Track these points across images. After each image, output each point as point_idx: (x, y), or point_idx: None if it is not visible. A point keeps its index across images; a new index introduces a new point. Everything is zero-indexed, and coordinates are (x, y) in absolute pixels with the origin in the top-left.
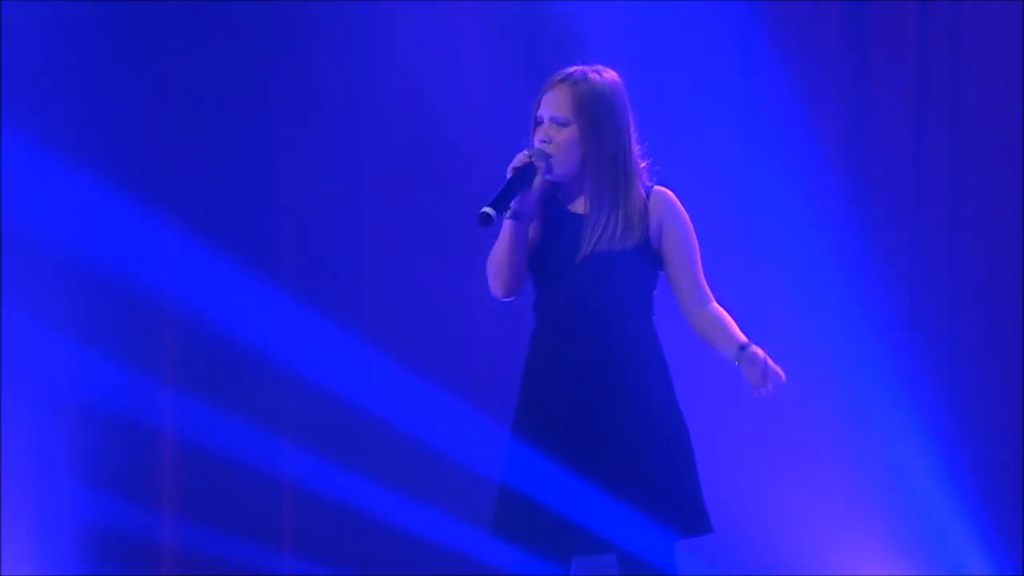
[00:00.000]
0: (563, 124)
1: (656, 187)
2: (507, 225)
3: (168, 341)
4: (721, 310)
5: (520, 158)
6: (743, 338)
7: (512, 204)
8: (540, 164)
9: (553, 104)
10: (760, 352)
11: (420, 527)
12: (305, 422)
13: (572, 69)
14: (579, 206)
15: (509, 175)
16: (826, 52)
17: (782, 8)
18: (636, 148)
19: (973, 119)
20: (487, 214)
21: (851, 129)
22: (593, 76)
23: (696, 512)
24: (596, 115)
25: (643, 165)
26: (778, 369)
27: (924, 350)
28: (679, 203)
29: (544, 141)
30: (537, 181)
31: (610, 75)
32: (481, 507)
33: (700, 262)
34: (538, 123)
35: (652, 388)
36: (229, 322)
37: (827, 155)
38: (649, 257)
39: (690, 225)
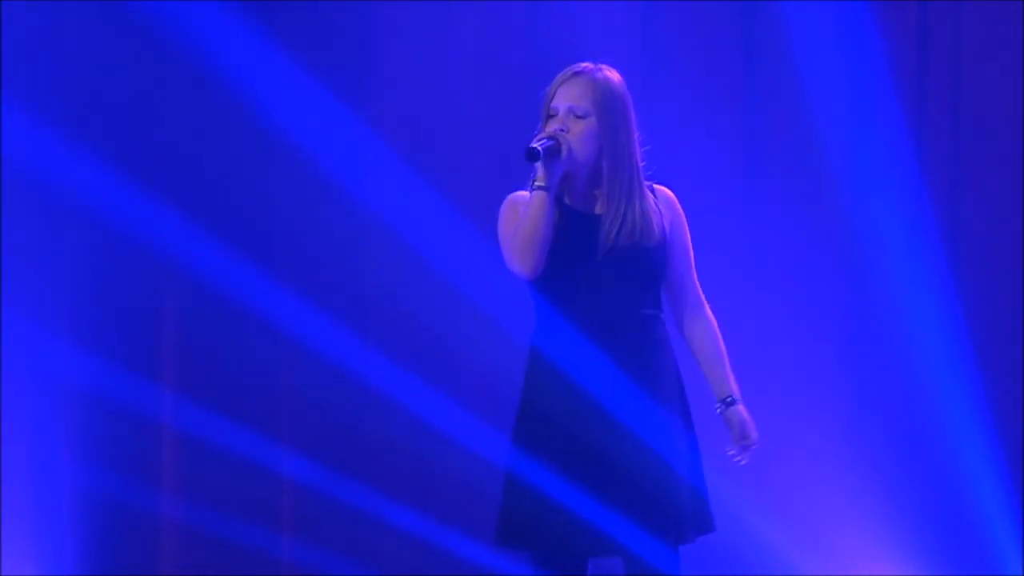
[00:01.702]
0: (581, 115)
1: (657, 186)
2: (539, 197)
3: (168, 332)
4: (714, 326)
5: (544, 134)
6: (733, 388)
7: (544, 178)
8: (564, 143)
9: (571, 95)
10: (743, 412)
11: (419, 515)
12: (305, 412)
13: (585, 64)
14: (593, 207)
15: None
16: (826, 52)
17: (781, 8)
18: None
19: (973, 119)
20: (536, 149)
21: (851, 129)
22: (608, 72)
23: (703, 511)
24: (614, 109)
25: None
26: (753, 433)
27: (923, 349)
28: (679, 202)
29: (562, 130)
30: (563, 154)
31: (618, 75)
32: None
33: (694, 264)
34: (551, 115)
35: (665, 387)
36: (229, 312)
37: (827, 156)
38: (663, 255)
39: (687, 225)
